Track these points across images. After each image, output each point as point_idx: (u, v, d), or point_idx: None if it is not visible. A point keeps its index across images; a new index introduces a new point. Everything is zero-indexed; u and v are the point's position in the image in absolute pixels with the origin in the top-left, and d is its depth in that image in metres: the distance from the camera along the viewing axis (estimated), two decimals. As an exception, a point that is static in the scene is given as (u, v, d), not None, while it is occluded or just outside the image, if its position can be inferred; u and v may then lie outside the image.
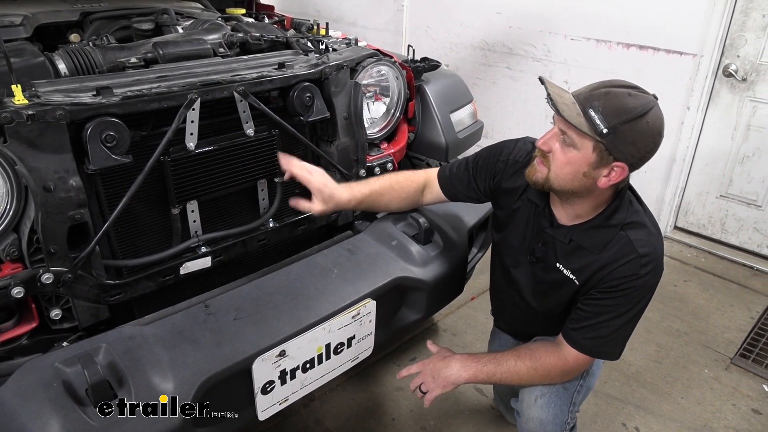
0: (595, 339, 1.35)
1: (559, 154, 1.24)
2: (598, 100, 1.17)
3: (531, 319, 1.60)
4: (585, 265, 1.34)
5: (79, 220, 1.23)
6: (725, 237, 3.27)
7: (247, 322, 1.29)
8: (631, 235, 1.29)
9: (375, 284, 1.47)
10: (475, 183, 1.53)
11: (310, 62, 1.62)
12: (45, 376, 1.09)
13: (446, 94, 2.12)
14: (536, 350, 1.43)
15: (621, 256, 1.28)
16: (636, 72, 3.21)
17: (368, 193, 1.55)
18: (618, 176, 1.21)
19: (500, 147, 1.52)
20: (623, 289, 1.29)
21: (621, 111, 1.15)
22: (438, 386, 1.47)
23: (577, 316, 1.37)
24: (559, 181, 1.27)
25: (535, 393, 1.47)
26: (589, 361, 1.41)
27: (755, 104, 2.92)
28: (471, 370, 1.44)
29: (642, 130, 1.16)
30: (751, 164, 3.03)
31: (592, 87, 1.22)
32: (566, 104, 1.20)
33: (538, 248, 1.44)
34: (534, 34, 3.64)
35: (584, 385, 1.52)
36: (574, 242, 1.35)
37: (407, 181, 1.61)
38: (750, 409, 2.14)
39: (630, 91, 1.19)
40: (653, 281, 1.30)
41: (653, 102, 1.19)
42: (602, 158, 1.20)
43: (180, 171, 1.40)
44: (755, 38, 2.82)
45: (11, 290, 1.18)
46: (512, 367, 1.42)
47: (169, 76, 1.39)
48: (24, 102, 1.14)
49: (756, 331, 2.57)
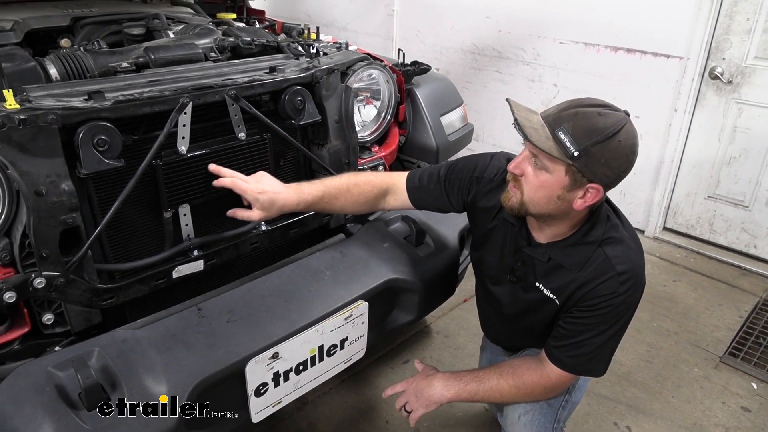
0: (578, 357, 1.33)
1: (532, 178, 1.21)
2: (567, 122, 1.13)
3: (514, 335, 1.59)
4: (565, 284, 1.32)
5: (71, 224, 1.23)
6: (713, 237, 3.30)
7: (240, 324, 1.30)
8: (608, 251, 1.27)
9: (367, 286, 1.48)
10: (447, 197, 1.50)
11: (301, 66, 1.63)
12: (38, 380, 1.09)
13: (436, 97, 2.14)
14: (519, 368, 1.40)
15: (599, 274, 1.26)
16: (624, 75, 3.25)
17: (321, 196, 1.46)
18: (593, 197, 1.19)
19: (474, 162, 1.48)
20: (603, 307, 1.27)
21: (591, 132, 1.12)
22: (421, 405, 1.45)
23: (558, 334, 1.35)
24: (534, 204, 1.24)
25: (518, 410, 1.45)
26: (572, 378, 1.39)
27: (741, 106, 2.96)
28: (453, 389, 1.43)
29: (614, 149, 1.13)
30: (738, 165, 3.07)
31: (561, 107, 1.18)
32: (534, 128, 1.16)
33: (517, 267, 1.41)
34: (523, 38, 3.67)
35: (570, 401, 1.50)
36: (553, 260, 1.33)
37: (366, 185, 1.51)
38: (739, 407, 2.16)
39: (600, 110, 1.14)
40: (633, 298, 1.28)
41: (625, 119, 1.15)
42: (576, 180, 1.17)
43: (172, 175, 1.40)
44: (740, 41, 2.86)
45: (3, 295, 1.18)
46: (495, 386, 1.39)
47: (161, 81, 1.39)
48: (15, 106, 1.14)
49: (744, 329, 2.60)
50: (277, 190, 1.41)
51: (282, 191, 1.41)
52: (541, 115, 1.20)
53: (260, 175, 1.44)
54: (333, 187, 1.48)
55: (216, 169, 1.42)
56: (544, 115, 1.20)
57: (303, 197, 1.43)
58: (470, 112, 2.43)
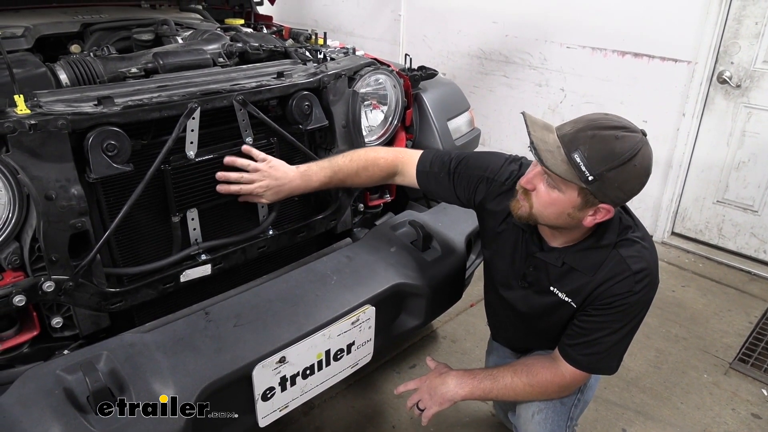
0: (592, 355, 1.34)
1: (543, 194, 1.22)
2: (583, 145, 1.12)
3: (528, 336, 1.59)
4: (580, 286, 1.33)
5: (80, 228, 1.23)
6: (722, 242, 3.28)
7: (247, 328, 1.30)
8: (623, 252, 1.28)
9: (374, 291, 1.48)
10: (454, 190, 1.51)
11: (309, 71, 1.64)
12: (46, 383, 1.09)
13: (443, 102, 2.13)
14: (533, 366, 1.41)
15: (615, 274, 1.28)
16: (631, 79, 3.24)
17: (328, 181, 1.53)
18: (604, 216, 1.20)
19: (486, 161, 1.49)
20: (618, 305, 1.28)
21: (608, 157, 1.11)
22: (435, 403, 1.45)
23: (573, 332, 1.37)
24: (543, 218, 1.26)
25: (532, 408, 1.46)
26: (585, 377, 1.40)
27: (750, 110, 2.94)
28: (467, 387, 1.43)
29: (629, 173, 1.13)
30: (747, 170, 3.05)
31: (578, 127, 1.16)
32: (550, 151, 1.16)
33: (529, 273, 1.42)
34: (530, 43, 3.67)
35: (582, 399, 1.51)
36: (567, 265, 1.34)
37: (375, 167, 1.54)
38: (750, 414, 2.14)
39: (617, 133, 1.12)
40: (648, 297, 1.30)
41: (642, 142, 1.13)
42: (587, 201, 1.18)
43: (180, 179, 1.41)
44: (748, 45, 2.85)
45: (13, 298, 1.18)
46: (509, 384, 1.40)
47: (170, 86, 1.40)
48: (26, 112, 1.15)
49: (754, 335, 2.58)
50: (281, 182, 1.47)
51: (287, 181, 1.47)
52: (557, 134, 1.19)
53: (268, 168, 1.47)
54: (342, 172, 1.53)
55: (223, 176, 1.44)
56: (560, 133, 1.18)
57: (310, 184, 1.51)
58: (477, 116, 2.43)
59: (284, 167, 1.49)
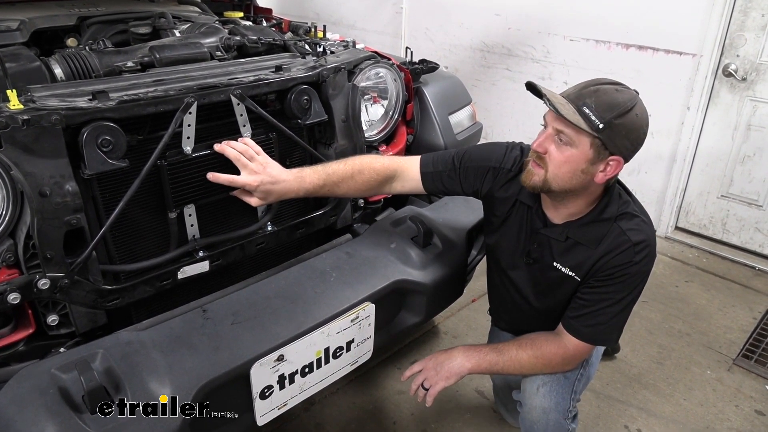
0: (595, 326, 1.39)
1: (556, 154, 1.28)
2: (589, 98, 1.22)
3: (532, 317, 1.60)
4: (582, 260, 1.39)
5: (75, 225, 1.22)
6: (727, 237, 3.26)
7: (245, 326, 1.29)
8: (623, 225, 1.35)
9: (374, 287, 1.46)
10: (460, 183, 1.54)
11: (308, 65, 1.62)
12: (41, 382, 1.08)
13: (445, 95, 2.11)
14: (537, 339, 1.47)
15: (616, 246, 1.34)
16: (635, 72, 3.21)
17: (322, 184, 1.48)
18: (614, 170, 1.27)
19: (489, 151, 1.53)
20: (619, 276, 1.34)
21: (613, 106, 1.20)
22: (441, 378, 1.47)
23: (576, 305, 1.42)
24: (558, 180, 1.29)
25: (537, 382, 1.51)
26: (589, 349, 1.45)
27: (755, 104, 2.91)
28: (473, 359, 1.47)
29: (633, 122, 1.22)
30: (752, 164, 3.02)
31: (580, 86, 1.27)
32: (561, 104, 1.24)
33: (533, 249, 1.46)
34: (533, 36, 3.63)
35: (584, 374, 1.56)
36: (571, 239, 1.39)
37: (371, 172, 1.51)
38: (753, 410, 2.13)
39: (616, 87, 1.25)
40: (647, 267, 1.36)
41: (637, 96, 1.26)
42: (599, 153, 1.24)
43: (177, 175, 1.39)
44: (755, 37, 2.81)
45: (8, 296, 1.17)
46: (514, 356, 1.45)
47: (166, 80, 1.38)
48: (19, 107, 1.13)
49: (758, 331, 2.56)
50: (275, 180, 1.42)
51: (280, 181, 1.43)
52: (561, 95, 1.27)
53: (263, 163, 1.44)
54: (336, 175, 1.50)
55: (214, 177, 1.40)
56: (564, 94, 1.27)
57: (303, 185, 1.46)
58: (479, 110, 2.40)
59: (279, 167, 1.46)
